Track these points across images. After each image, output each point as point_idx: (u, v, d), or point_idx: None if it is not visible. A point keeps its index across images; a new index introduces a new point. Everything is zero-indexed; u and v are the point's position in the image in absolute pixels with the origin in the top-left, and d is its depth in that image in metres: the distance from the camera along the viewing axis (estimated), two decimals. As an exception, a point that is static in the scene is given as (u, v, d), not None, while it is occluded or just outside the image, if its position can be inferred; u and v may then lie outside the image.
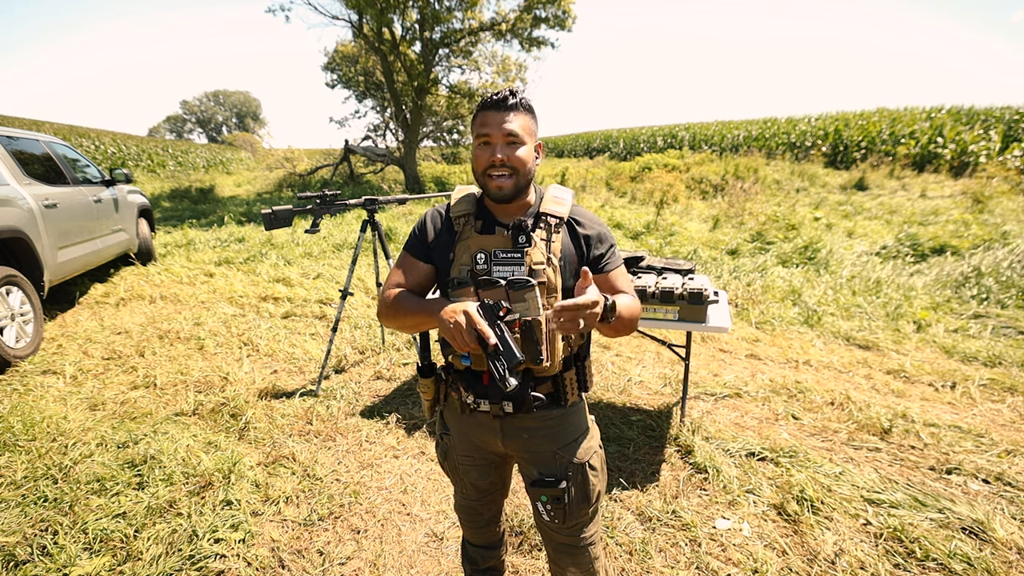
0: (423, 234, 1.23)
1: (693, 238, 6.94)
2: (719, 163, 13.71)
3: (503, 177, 1.11)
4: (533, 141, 1.15)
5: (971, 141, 12.52)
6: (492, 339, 0.97)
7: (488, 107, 1.11)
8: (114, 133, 21.48)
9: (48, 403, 2.98)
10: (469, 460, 1.30)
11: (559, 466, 1.20)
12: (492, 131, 1.10)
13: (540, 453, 1.21)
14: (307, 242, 7.30)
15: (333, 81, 20.33)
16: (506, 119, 1.09)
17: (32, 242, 3.86)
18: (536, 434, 1.20)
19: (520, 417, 1.18)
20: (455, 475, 1.36)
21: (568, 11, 13.61)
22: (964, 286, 4.75)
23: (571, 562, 1.28)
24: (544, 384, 1.18)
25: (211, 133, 58.79)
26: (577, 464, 1.20)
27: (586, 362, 1.24)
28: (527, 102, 1.13)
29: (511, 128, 1.09)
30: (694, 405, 2.92)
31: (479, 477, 1.32)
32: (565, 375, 1.19)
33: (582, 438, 1.24)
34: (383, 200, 3.23)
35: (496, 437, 1.22)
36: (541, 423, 1.20)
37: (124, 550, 1.88)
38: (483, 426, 1.23)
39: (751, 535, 1.96)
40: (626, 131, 23.49)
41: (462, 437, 1.28)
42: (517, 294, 1.02)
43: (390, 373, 3.38)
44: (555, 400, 1.20)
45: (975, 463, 2.33)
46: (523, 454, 1.23)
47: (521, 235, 1.13)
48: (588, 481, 1.21)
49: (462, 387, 1.19)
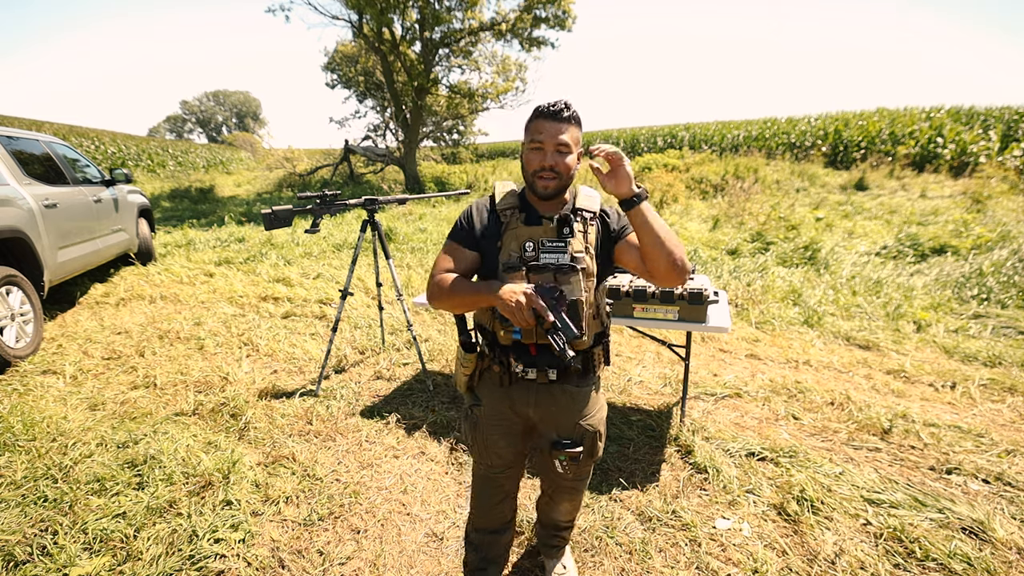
0: (470, 225, 1.38)
1: (693, 238, 6.94)
2: (719, 163, 13.70)
3: (550, 179, 1.28)
4: (578, 149, 1.31)
5: (970, 141, 12.52)
6: (551, 317, 1.16)
7: (545, 116, 1.26)
8: (114, 133, 21.47)
9: (48, 403, 2.98)
10: (498, 429, 1.45)
11: (578, 433, 1.40)
12: (546, 139, 1.26)
13: (564, 421, 1.40)
14: (307, 242, 7.30)
15: (333, 81, 20.35)
16: (560, 130, 1.25)
17: (32, 242, 3.86)
18: (564, 406, 1.39)
19: (552, 389, 1.37)
20: (482, 446, 1.48)
21: (568, 11, 13.62)
22: (964, 286, 4.75)
23: (568, 498, 1.59)
24: (576, 357, 1.30)
25: (211, 133, 58.77)
26: (592, 432, 1.42)
27: (608, 340, 1.42)
28: (578, 116, 1.29)
29: (563, 139, 1.25)
30: (694, 405, 2.92)
31: (506, 445, 1.46)
32: (594, 350, 1.37)
33: (599, 411, 1.45)
34: (383, 200, 3.23)
35: (529, 406, 1.40)
36: (570, 397, 1.39)
37: (124, 550, 1.88)
38: (521, 395, 1.40)
39: (751, 535, 1.96)
40: (626, 131, 23.48)
41: (495, 407, 1.44)
42: (564, 277, 1.25)
43: (390, 373, 3.38)
44: (585, 372, 1.38)
45: (975, 463, 2.33)
46: (549, 420, 1.42)
47: (565, 227, 1.29)
48: (597, 445, 1.45)
49: (512, 358, 1.35)
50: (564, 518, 1.67)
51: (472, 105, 16.68)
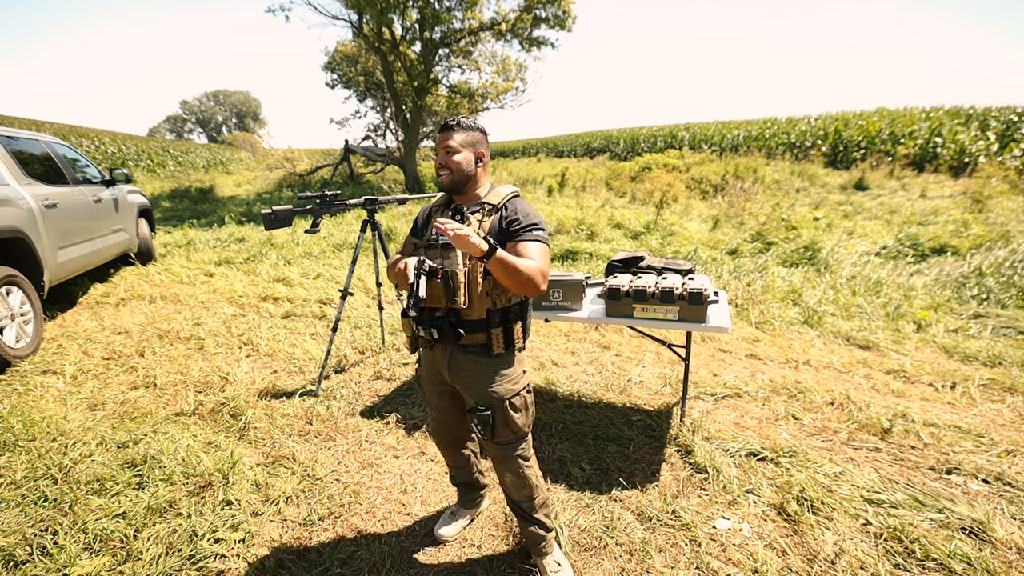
0: (417, 221, 1.76)
1: (693, 238, 6.94)
2: (719, 163, 13.70)
3: (445, 175, 1.61)
4: (468, 149, 1.61)
5: (969, 141, 12.52)
6: (411, 279, 1.49)
7: (440, 129, 1.63)
8: (114, 133, 21.45)
9: (48, 403, 2.98)
10: (432, 387, 1.78)
11: (486, 399, 1.61)
12: (439, 145, 1.62)
13: (474, 388, 1.63)
14: (307, 242, 7.30)
15: (333, 81, 20.30)
16: (448, 137, 1.59)
17: (32, 242, 3.86)
18: (471, 373, 1.62)
19: (459, 357, 1.63)
20: (425, 399, 1.86)
21: (568, 11, 13.60)
22: (964, 286, 4.75)
23: (505, 468, 1.70)
24: (477, 334, 1.58)
25: (211, 133, 58.73)
26: (498, 399, 1.60)
27: (514, 326, 1.62)
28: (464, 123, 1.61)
29: (450, 143, 1.59)
30: (694, 405, 2.92)
31: (438, 401, 1.79)
32: (492, 331, 1.59)
33: (505, 381, 1.62)
34: (383, 200, 3.23)
35: (443, 369, 1.68)
36: (475, 365, 1.62)
37: (124, 550, 1.88)
38: (438, 360, 1.68)
39: (751, 535, 1.96)
40: (626, 131, 23.47)
41: (428, 367, 1.77)
42: (445, 253, 1.55)
43: (390, 373, 3.38)
44: (485, 350, 1.60)
45: (975, 463, 2.33)
46: (462, 386, 1.67)
47: (457, 215, 1.62)
48: (508, 414, 1.62)
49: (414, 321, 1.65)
50: (515, 495, 1.75)
51: (472, 105, 16.67)
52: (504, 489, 1.77)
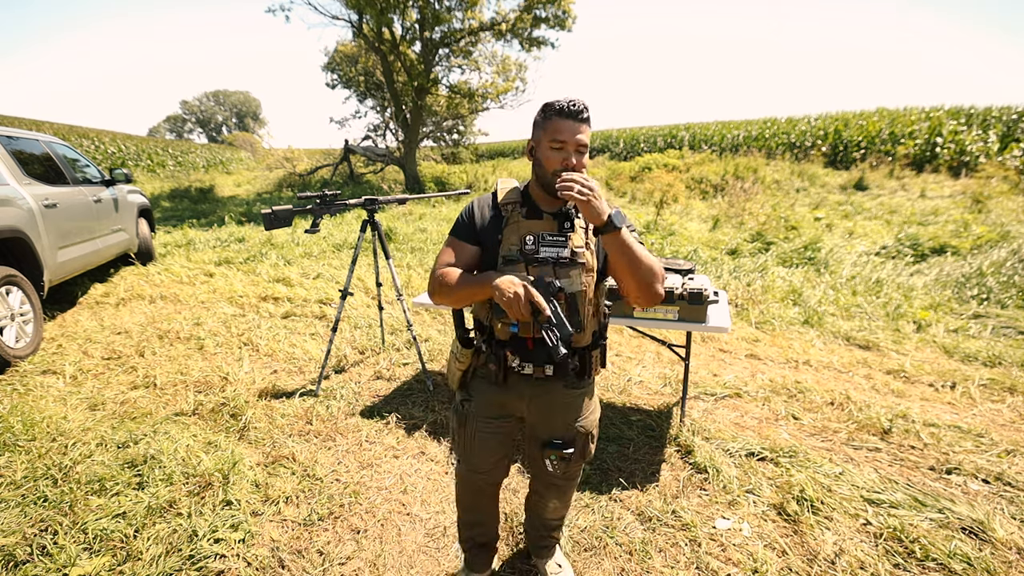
0: (471, 220, 1.38)
1: (693, 238, 6.94)
2: (719, 163, 13.70)
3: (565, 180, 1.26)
4: None
5: (969, 141, 12.52)
6: (547, 311, 1.13)
7: (564, 115, 1.24)
8: (114, 133, 21.46)
9: (48, 403, 2.98)
10: (487, 427, 1.44)
11: (570, 434, 1.41)
12: (567, 139, 1.24)
13: (557, 421, 1.41)
14: (307, 242, 7.30)
15: (333, 81, 20.32)
16: (579, 130, 1.24)
17: (32, 242, 3.86)
18: (559, 406, 1.40)
19: (549, 387, 1.37)
20: (468, 443, 1.48)
21: (568, 11, 13.61)
22: (964, 286, 4.75)
23: (556, 494, 1.59)
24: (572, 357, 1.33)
25: (211, 133, 58.74)
26: (584, 433, 1.43)
27: (605, 342, 1.42)
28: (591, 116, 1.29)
29: (582, 139, 1.24)
30: (694, 405, 2.92)
31: (492, 445, 1.46)
32: (591, 352, 1.37)
33: (592, 413, 1.46)
34: (383, 200, 3.22)
35: (523, 402, 1.41)
36: (565, 398, 1.40)
37: (124, 550, 1.88)
38: (514, 392, 1.39)
39: (751, 535, 1.96)
40: (626, 131, 23.46)
41: (486, 402, 1.43)
42: (563, 271, 1.24)
43: (390, 373, 3.38)
44: (581, 373, 1.37)
45: (975, 463, 2.33)
46: (542, 419, 1.43)
47: (566, 221, 1.31)
48: (589, 446, 1.46)
49: (508, 352, 1.33)
50: (553, 516, 1.67)
51: (472, 105, 16.67)
52: (540, 513, 1.67)
